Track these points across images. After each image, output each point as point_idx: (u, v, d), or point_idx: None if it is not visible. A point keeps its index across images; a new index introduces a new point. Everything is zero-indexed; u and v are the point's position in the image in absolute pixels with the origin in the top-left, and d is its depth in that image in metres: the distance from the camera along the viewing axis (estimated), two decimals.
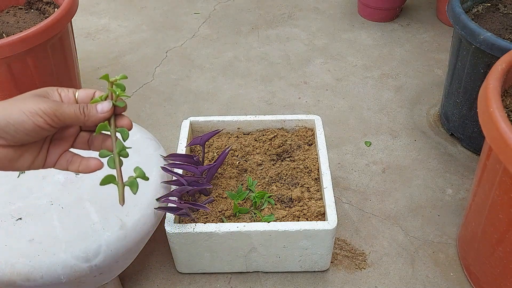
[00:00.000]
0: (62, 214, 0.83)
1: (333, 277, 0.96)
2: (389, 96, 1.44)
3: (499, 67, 0.78)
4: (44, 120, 0.46)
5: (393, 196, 1.13)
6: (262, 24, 1.83)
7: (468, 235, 0.91)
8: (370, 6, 1.76)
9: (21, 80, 1.14)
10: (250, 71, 1.57)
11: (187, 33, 1.78)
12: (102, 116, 0.50)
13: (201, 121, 1.07)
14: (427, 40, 1.70)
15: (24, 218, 0.82)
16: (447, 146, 1.26)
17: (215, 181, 0.97)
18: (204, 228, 0.84)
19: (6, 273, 0.75)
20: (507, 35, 1.11)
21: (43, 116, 0.46)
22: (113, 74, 0.51)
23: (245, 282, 0.95)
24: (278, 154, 1.03)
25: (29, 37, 1.07)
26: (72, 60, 1.30)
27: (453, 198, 1.12)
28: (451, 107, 1.23)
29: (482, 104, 0.73)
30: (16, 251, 0.77)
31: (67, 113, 0.48)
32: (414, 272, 0.97)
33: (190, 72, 1.57)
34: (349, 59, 1.61)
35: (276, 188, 0.96)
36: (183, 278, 0.96)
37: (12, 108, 0.46)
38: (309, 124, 1.07)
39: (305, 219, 0.89)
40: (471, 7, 1.24)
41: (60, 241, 0.78)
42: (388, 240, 1.03)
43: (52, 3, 1.32)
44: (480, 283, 0.90)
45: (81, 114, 0.49)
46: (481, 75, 1.08)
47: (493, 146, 0.69)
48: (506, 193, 0.72)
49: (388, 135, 1.30)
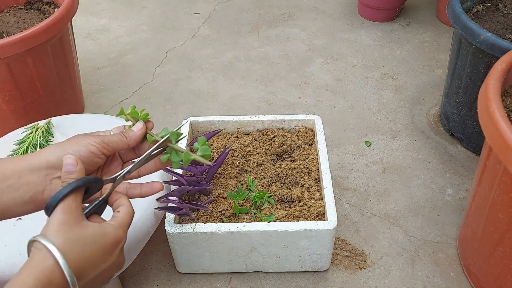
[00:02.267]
0: None
1: (333, 277, 0.96)
2: (389, 96, 1.44)
3: (499, 67, 0.78)
4: (96, 148, 0.55)
5: (393, 196, 1.13)
6: (262, 24, 1.83)
7: (468, 235, 0.91)
8: (370, 6, 1.76)
9: (21, 80, 1.14)
10: (250, 71, 1.57)
11: (187, 33, 1.78)
12: (140, 133, 0.59)
13: (201, 121, 1.07)
14: (427, 40, 1.70)
15: (24, 218, 0.82)
16: (447, 146, 1.26)
17: (215, 181, 0.97)
18: (204, 228, 0.84)
19: (6, 273, 0.75)
20: (507, 35, 1.11)
21: (94, 145, 0.55)
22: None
23: (245, 282, 0.95)
24: (278, 154, 1.03)
25: (29, 37, 1.07)
26: (72, 60, 1.30)
27: (453, 198, 1.12)
28: (451, 107, 1.23)
29: (482, 104, 0.73)
30: (16, 251, 0.77)
31: (113, 140, 0.57)
32: (414, 272, 0.97)
33: (190, 72, 1.57)
34: (349, 59, 1.61)
35: (276, 188, 0.96)
36: (183, 278, 0.96)
37: (68, 142, 0.55)
38: (309, 124, 1.07)
39: (305, 219, 0.89)
40: (471, 7, 1.24)
41: None
42: (388, 240, 1.03)
43: (52, 3, 1.33)
44: (480, 283, 0.90)
45: (123, 137, 0.58)
46: (481, 75, 1.08)
47: (493, 146, 0.69)
48: (506, 193, 0.72)
49: (388, 135, 1.30)
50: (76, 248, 0.48)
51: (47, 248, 0.46)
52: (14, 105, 1.18)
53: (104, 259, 0.51)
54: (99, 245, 0.50)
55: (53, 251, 0.46)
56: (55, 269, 0.46)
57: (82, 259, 0.48)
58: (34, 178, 0.52)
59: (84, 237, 0.49)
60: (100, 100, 1.46)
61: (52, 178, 0.53)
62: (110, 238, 0.51)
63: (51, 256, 0.46)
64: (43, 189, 0.52)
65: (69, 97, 1.32)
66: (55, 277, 0.46)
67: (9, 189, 0.51)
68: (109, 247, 0.51)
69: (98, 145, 0.55)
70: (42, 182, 0.52)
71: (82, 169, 0.53)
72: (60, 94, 1.27)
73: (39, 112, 1.22)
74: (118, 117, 0.62)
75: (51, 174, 0.53)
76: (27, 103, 1.20)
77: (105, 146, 0.56)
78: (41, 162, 0.52)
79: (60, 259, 0.46)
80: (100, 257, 0.50)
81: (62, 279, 0.46)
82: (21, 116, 1.21)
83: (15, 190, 0.51)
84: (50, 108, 1.25)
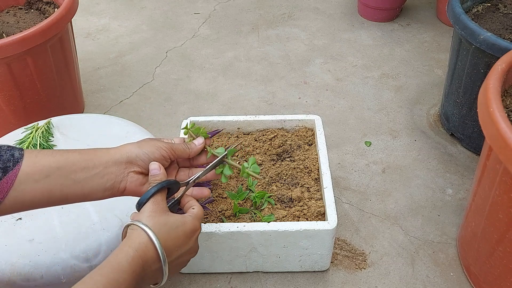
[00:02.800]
0: (62, 214, 0.83)
1: (333, 277, 0.96)
2: (389, 96, 1.44)
3: (499, 67, 0.78)
4: (166, 152, 0.65)
5: (393, 196, 1.13)
6: (262, 24, 1.83)
7: (468, 235, 0.91)
8: (370, 6, 1.76)
9: (21, 80, 1.15)
10: (250, 71, 1.57)
11: (187, 33, 1.78)
12: (200, 147, 0.70)
13: (201, 121, 1.07)
14: (427, 40, 1.70)
15: (24, 218, 0.82)
16: (447, 146, 1.26)
17: (215, 181, 0.97)
18: (204, 228, 0.84)
19: (6, 273, 0.75)
20: (507, 35, 1.11)
21: (165, 149, 0.65)
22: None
23: (245, 282, 0.95)
24: (278, 154, 1.03)
25: (29, 37, 1.07)
26: (72, 60, 1.30)
27: (453, 198, 1.12)
28: (451, 107, 1.23)
29: (482, 104, 0.73)
30: (16, 251, 0.77)
31: (179, 148, 0.68)
32: (414, 272, 0.97)
33: (190, 72, 1.57)
34: (349, 59, 1.61)
35: (276, 188, 0.96)
36: (183, 278, 0.96)
37: (144, 143, 0.66)
38: (309, 124, 1.07)
39: (305, 219, 0.89)
40: (471, 7, 1.24)
41: (60, 241, 0.78)
42: (388, 240, 1.03)
43: (52, 3, 1.33)
44: (480, 283, 0.90)
45: (187, 148, 0.69)
46: (481, 75, 1.08)
47: (493, 146, 0.69)
48: (506, 193, 0.72)
49: (388, 135, 1.30)
50: (164, 229, 0.58)
51: (141, 228, 0.57)
52: (14, 105, 1.18)
53: (184, 242, 0.60)
54: (181, 230, 0.60)
55: (146, 230, 0.56)
56: (149, 243, 0.56)
57: (168, 239, 0.58)
58: (116, 170, 0.62)
59: (169, 222, 0.59)
60: (100, 100, 1.46)
61: (129, 171, 0.63)
62: (189, 226, 0.61)
63: (145, 234, 0.56)
64: (121, 180, 0.63)
65: (69, 97, 1.32)
66: (149, 250, 0.56)
67: (96, 177, 0.61)
68: (189, 233, 0.61)
69: (168, 150, 0.66)
70: (121, 173, 0.63)
71: (165, 173, 0.64)
72: (60, 94, 1.27)
73: (39, 112, 1.22)
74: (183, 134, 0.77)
75: (129, 168, 0.63)
76: (27, 103, 1.20)
77: (172, 153, 0.67)
78: (122, 156, 0.63)
79: (153, 236, 0.56)
80: (182, 240, 0.60)
81: (154, 252, 0.56)
82: (21, 116, 1.21)
83: (100, 177, 0.61)
84: (50, 108, 1.25)
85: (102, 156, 0.62)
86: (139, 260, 0.54)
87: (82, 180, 0.60)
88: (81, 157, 0.61)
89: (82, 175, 0.60)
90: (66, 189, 0.59)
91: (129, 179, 0.64)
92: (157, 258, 0.56)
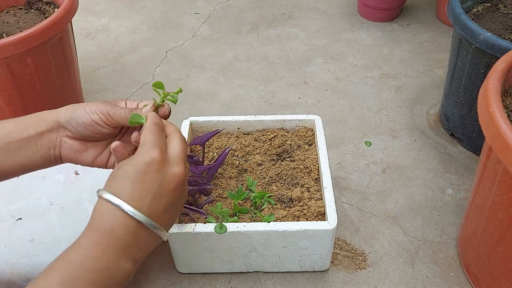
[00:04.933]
0: (62, 214, 0.83)
1: (333, 277, 0.96)
2: (389, 96, 1.44)
3: (499, 67, 0.78)
4: (99, 117, 0.57)
5: (393, 196, 1.13)
6: (262, 24, 1.83)
7: (468, 235, 0.91)
8: (370, 6, 1.76)
9: (21, 80, 1.14)
10: (250, 71, 1.57)
11: (187, 33, 1.78)
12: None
13: (201, 121, 1.07)
14: (427, 40, 1.70)
15: (24, 218, 0.82)
16: (447, 146, 1.26)
17: (215, 181, 0.97)
18: (204, 228, 0.84)
19: (6, 273, 0.75)
20: (507, 35, 1.11)
21: (99, 114, 0.57)
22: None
23: (245, 282, 0.95)
24: (278, 154, 1.03)
25: (29, 37, 1.07)
26: (72, 60, 1.30)
27: (453, 198, 1.12)
28: (451, 107, 1.23)
29: (482, 104, 0.73)
30: (16, 251, 0.77)
31: (119, 114, 0.58)
32: (414, 272, 0.97)
33: (190, 72, 1.57)
34: (349, 59, 1.61)
35: (276, 188, 0.96)
36: (183, 278, 0.96)
37: (78, 107, 0.58)
38: (309, 124, 1.07)
39: (305, 219, 0.89)
40: (471, 7, 1.24)
41: (60, 241, 0.78)
42: (388, 240, 1.03)
43: (52, 3, 1.32)
44: (480, 283, 0.90)
45: (128, 114, 0.58)
46: (481, 75, 1.08)
47: (493, 146, 0.69)
48: (506, 193, 0.72)
49: (388, 135, 1.30)
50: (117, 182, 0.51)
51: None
52: (14, 105, 1.18)
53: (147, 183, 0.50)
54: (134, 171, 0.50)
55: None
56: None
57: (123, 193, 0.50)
58: (48, 136, 0.59)
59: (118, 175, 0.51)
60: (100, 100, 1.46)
61: (62, 136, 0.59)
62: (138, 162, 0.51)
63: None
64: (54, 146, 0.59)
65: (69, 97, 1.32)
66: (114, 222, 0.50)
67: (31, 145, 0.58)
68: (143, 168, 0.50)
69: (102, 115, 0.58)
70: (53, 139, 0.59)
71: None
72: (60, 94, 1.27)
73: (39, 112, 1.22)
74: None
75: (61, 133, 0.59)
76: (27, 103, 1.20)
77: (109, 119, 0.58)
78: (53, 121, 0.59)
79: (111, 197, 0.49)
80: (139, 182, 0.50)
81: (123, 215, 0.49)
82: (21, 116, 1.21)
83: (34, 145, 0.58)
84: (50, 108, 1.24)
85: (37, 123, 0.59)
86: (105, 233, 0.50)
87: (17, 151, 0.56)
88: (15, 127, 0.58)
89: (17, 145, 0.57)
90: (5, 161, 0.56)
91: (63, 145, 0.59)
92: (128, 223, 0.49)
